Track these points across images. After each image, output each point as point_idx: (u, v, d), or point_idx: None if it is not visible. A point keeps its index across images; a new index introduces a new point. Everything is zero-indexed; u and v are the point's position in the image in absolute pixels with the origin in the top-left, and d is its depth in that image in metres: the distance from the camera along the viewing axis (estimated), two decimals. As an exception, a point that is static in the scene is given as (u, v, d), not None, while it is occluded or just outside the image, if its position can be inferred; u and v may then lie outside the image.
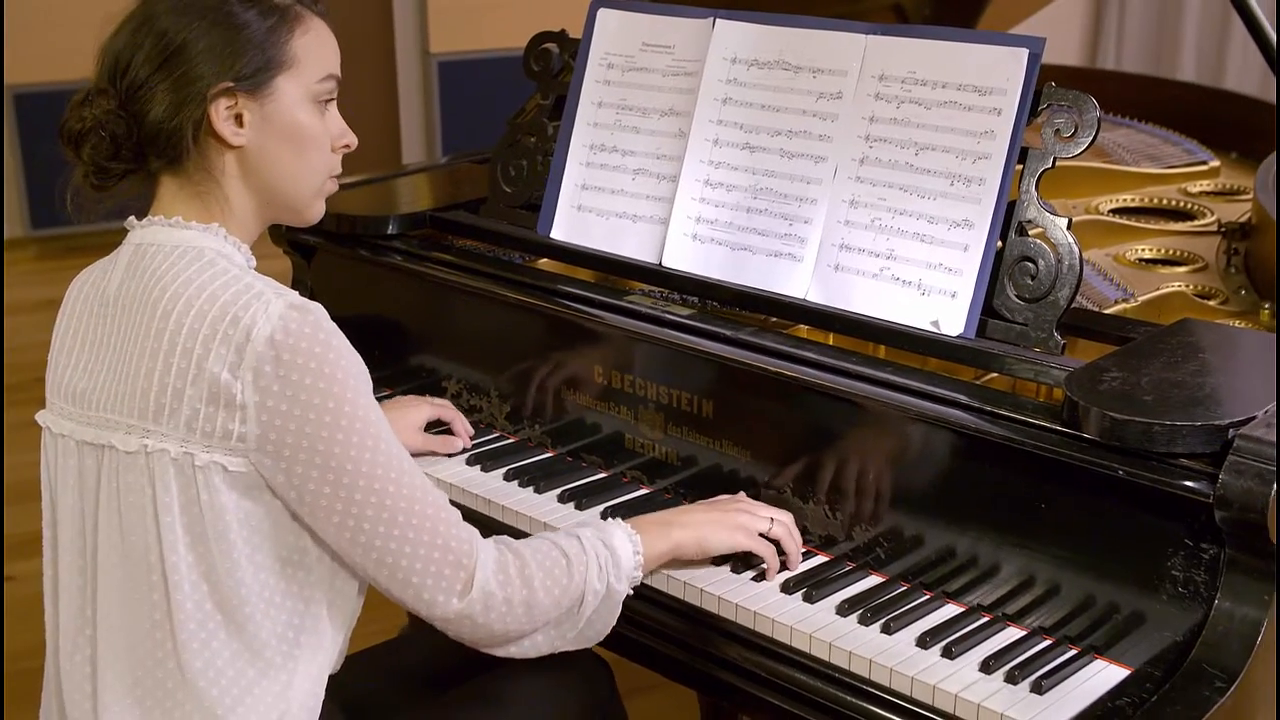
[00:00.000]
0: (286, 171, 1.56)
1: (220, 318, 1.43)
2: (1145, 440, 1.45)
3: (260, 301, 1.44)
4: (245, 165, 1.54)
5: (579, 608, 1.58)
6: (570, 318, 1.98)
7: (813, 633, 1.60)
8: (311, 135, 1.56)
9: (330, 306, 2.33)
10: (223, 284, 1.46)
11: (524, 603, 1.54)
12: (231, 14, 1.50)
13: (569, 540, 1.60)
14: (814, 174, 1.88)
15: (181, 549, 1.46)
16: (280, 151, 1.54)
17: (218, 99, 1.49)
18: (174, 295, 1.46)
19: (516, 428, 2.09)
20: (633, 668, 1.80)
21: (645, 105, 2.07)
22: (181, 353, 1.44)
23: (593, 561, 1.58)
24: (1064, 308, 1.70)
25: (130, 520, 1.48)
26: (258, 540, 1.48)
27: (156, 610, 1.47)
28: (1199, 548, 1.45)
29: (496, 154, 2.25)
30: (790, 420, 1.78)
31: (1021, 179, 1.74)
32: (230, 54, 1.49)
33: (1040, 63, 1.73)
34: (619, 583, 1.60)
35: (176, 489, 1.45)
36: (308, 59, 1.54)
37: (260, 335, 1.42)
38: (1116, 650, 1.53)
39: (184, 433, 1.44)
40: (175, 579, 1.46)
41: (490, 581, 1.52)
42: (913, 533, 1.67)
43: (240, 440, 1.43)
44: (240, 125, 1.52)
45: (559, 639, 1.59)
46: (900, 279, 1.79)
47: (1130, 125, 2.87)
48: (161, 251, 1.51)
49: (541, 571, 1.55)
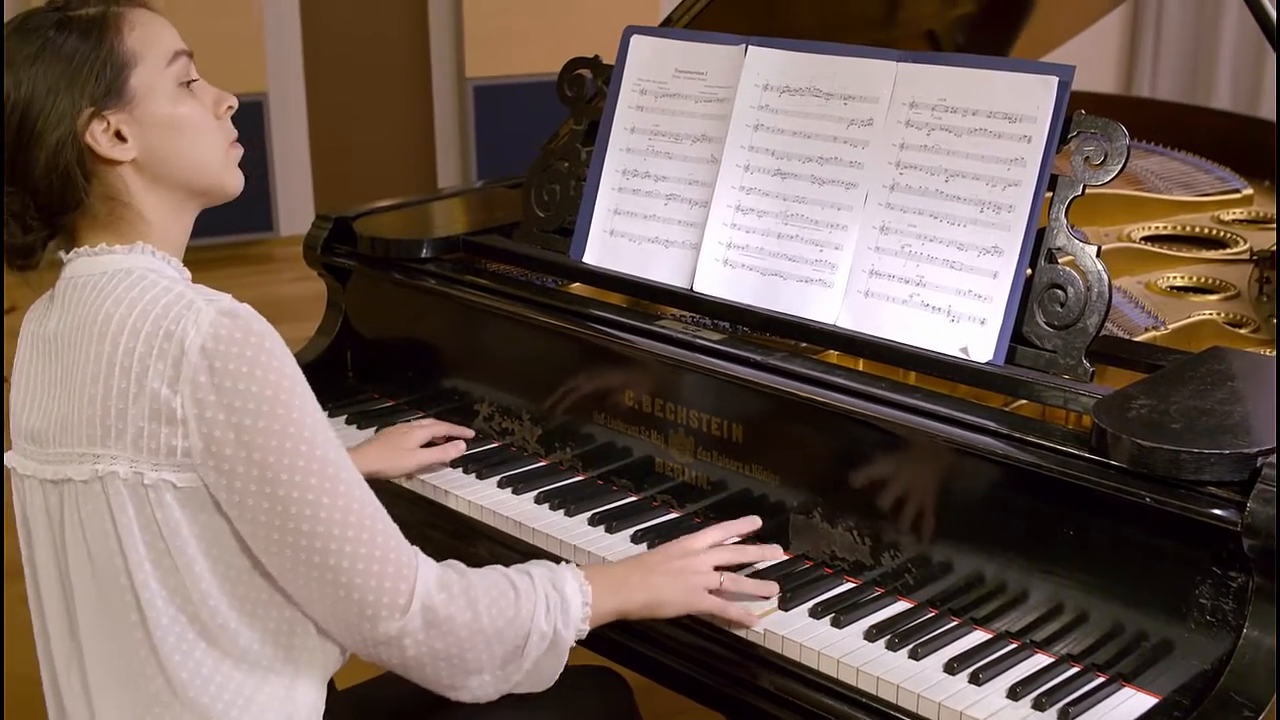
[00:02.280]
0: (185, 161, 1.54)
1: (154, 332, 1.42)
2: (1173, 468, 1.45)
3: (191, 311, 1.42)
4: (145, 173, 1.52)
5: (525, 646, 1.51)
6: (602, 342, 2.00)
7: (840, 657, 1.60)
8: (190, 118, 1.53)
9: (364, 329, 2.38)
10: (152, 298, 1.44)
11: (466, 625, 1.47)
12: (56, 49, 1.47)
13: (519, 575, 1.54)
14: (844, 200, 1.89)
15: (148, 567, 1.45)
16: (171, 145, 1.52)
17: (88, 126, 1.47)
18: (107, 316, 1.44)
19: (548, 451, 2.10)
20: (661, 691, 1.80)
21: (677, 131, 2.09)
22: (120, 372, 1.42)
23: (540, 601, 1.52)
24: (1093, 335, 1.70)
25: (96, 548, 1.47)
26: (218, 553, 1.46)
27: (136, 630, 1.47)
28: (1227, 576, 1.45)
29: (530, 179, 2.26)
30: (819, 445, 1.78)
31: (1051, 206, 1.74)
32: (72, 84, 1.47)
33: (1070, 90, 1.73)
34: (566, 629, 1.54)
35: (133, 510, 1.44)
36: (148, 48, 1.51)
37: (193, 346, 1.40)
38: (1144, 678, 1.52)
39: (131, 452, 1.43)
40: (147, 596, 1.45)
41: (432, 595, 1.46)
42: (941, 559, 1.68)
43: (186, 455, 1.42)
44: (123, 139, 1.50)
45: (504, 681, 1.53)
46: (930, 305, 1.80)
47: (1163, 153, 2.87)
48: (92, 280, 1.49)
49: (487, 598, 1.49)
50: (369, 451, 2.02)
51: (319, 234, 2.37)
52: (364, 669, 1.65)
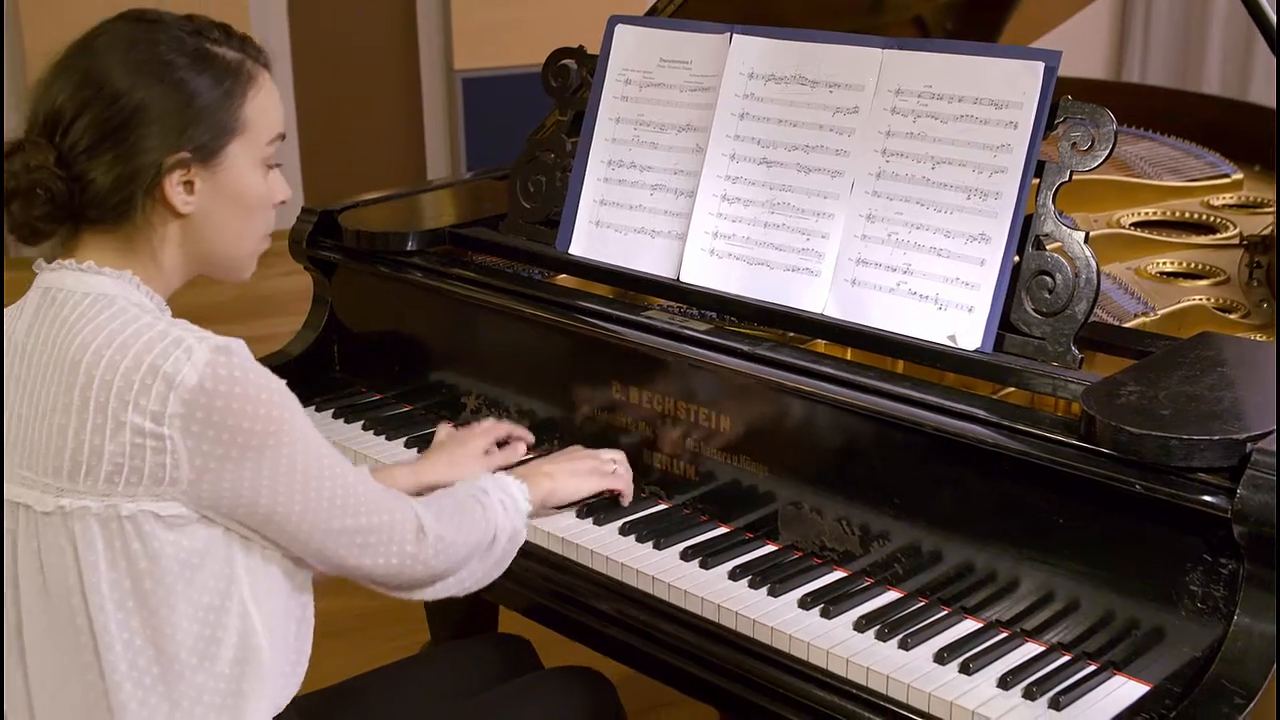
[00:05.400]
0: (229, 237, 1.53)
1: (134, 368, 1.38)
2: (1163, 454, 1.44)
3: (180, 348, 1.39)
4: (189, 230, 1.50)
5: (492, 544, 1.67)
6: (588, 333, 1.99)
7: (830, 648, 1.59)
8: (258, 198, 1.53)
9: (350, 322, 2.37)
10: (134, 332, 1.40)
11: (455, 539, 1.61)
12: (183, 81, 1.45)
13: (476, 491, 1.71)
14: (830, 188, 1.88)
15: (110, 606, 1.41)
16: (226, 216, 1.51)
17: (172, 170, 1.45)
18: (83, 345, 1.40)
19: (535, 443, 2.09)
20: (651, 684, 1.80)
21: (663, 121, 2.07)
22: (96, 408, 1.38)
23: (495, 505, 1.69)
24: (1081, 321, 1.70)
25: (53, 581, 1.43)
26: (194, 576, 1.43)
27: (89, 672, 1.43)
28: (1217, 563, 1.44)
29: (515, 170, 2.25)
30: (807, 435, 1.77)
31: (1038, 192, 1.74)
32: (184, 124, 1.45)
33: (1057, 76, 1.73)
34: (520, 520, 1.73)
35: (102, 544, 1.41)
36: (260, 122, 1.51)
37: (186, 383, 1.37)
38: (1135, 666, 1.52)
39: (105, 488, 1.39)
40: (106, 639, 1.42)
41: (434, 523, 1.59)
42: (930, 548, 1.67)
43: (172, 484, 1.40)
44: (191, 193, 1.48)
45: (474, 575, 1.66)
46: (917, 293, 1.79)
47: (1153, 138, 2.86)
48: (71, 298, 1.45)
49: (464, 512, 1.65)
50: (434, 464, 1.95)
51: (304, 228, 2.36)
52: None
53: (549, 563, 1.86)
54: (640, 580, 1.77)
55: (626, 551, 1.82)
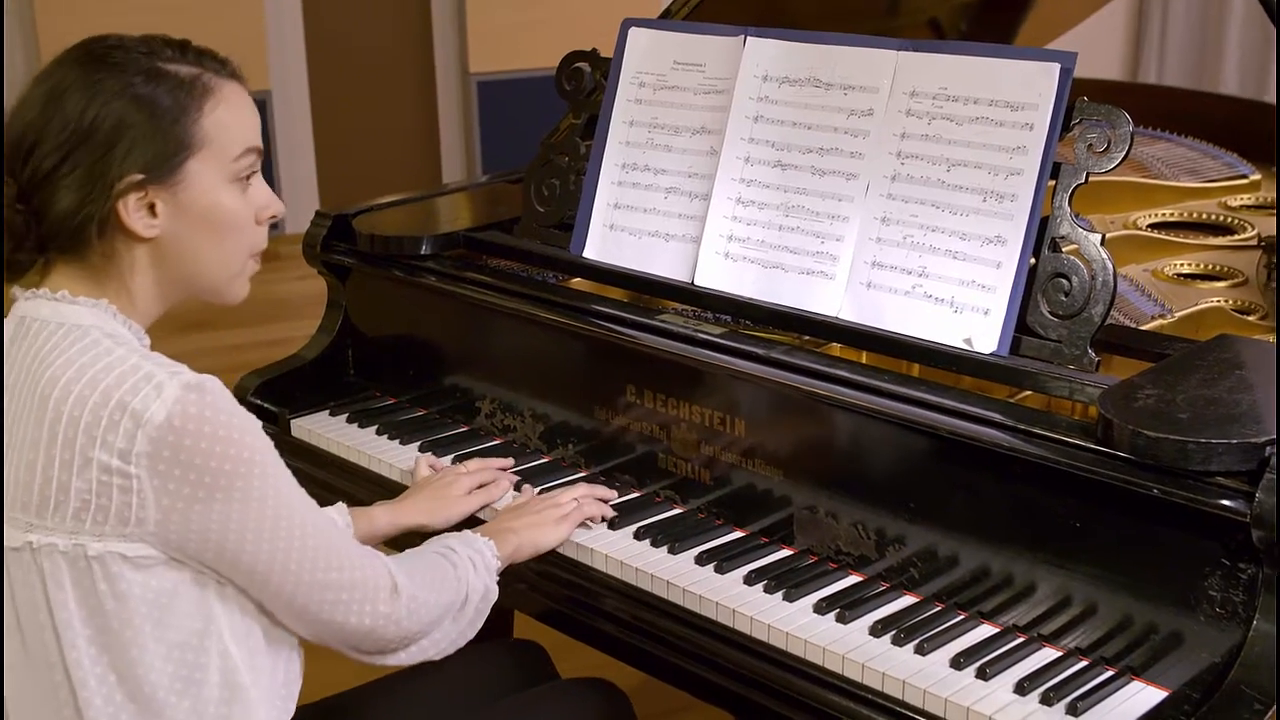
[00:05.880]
0: (203, 259, 1.47)
1: (103, 404, 1.34)
2: (1180, 458, 1.43)
3: (151, 384, 1.35)
4: (158, 256, 1.46)
5: (464, 605, 1.62)
6: (603, 337, 1.98)
7: (846, 654, 1.59)
8: (231, 219, 1.47)
9: (364, 326, 2.37)
10: (104, 366, 1.37)
11: (428, 600, 1.57)
12: (133, 101, 1.40)
13: (444, 549, 1.66)
14: (845, 191, 1.88)
15: (82, 644, 1.39)
16: (197, 239, 1.46)
17: (126, 194, 1.40)
18: (52, 379, 1.37)
19: (550, 447, 2.09)
20: (665, 688, 1.79)
21: (677, 124, 2.07)
22: (64, 443, 1.35)
23: (465, 563, 1.65)
24: (1098, 324, 1.69)
25: (26, 618, 1.41)
26: (164, 617, 1.40)
27: (65, 708, 1.40)
28: (1236, 567, 1.43)
29: (529, 174, 2.25)
30: (823, 439, 1.77)
31: (1054, 194, 1.73)
32: (132, 144, 1.40)
33: (1072, 77, 1.72)
34: (490, 579, 1.68)
35: (70, 583, 1.38)
36: (221, 137, 1.45)
37: (153, 420, 1.33)
38: (1154, 671, 1.51)
39: (72, 525, 1.36)
40: (79, 675, 1.39)
41: (406, 582, 1.54)
42: (947, 552, 1.66)
43: (139, 524, 1.36)
44: (154, 215, 1.43)
45: (449, 637, 1.62)
46: (933, 296, 1.78)
47: (1169, 139, 2.84)
48: (46, 329, 1.41)
49: (435, 572, 1.61)
50: (414, 505, 1.91)
51: (318, 232, 2.36)
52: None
53: (563, 567, 1.85)
54: (655, 585, 1.76)
55: (641, 556, 1.81)
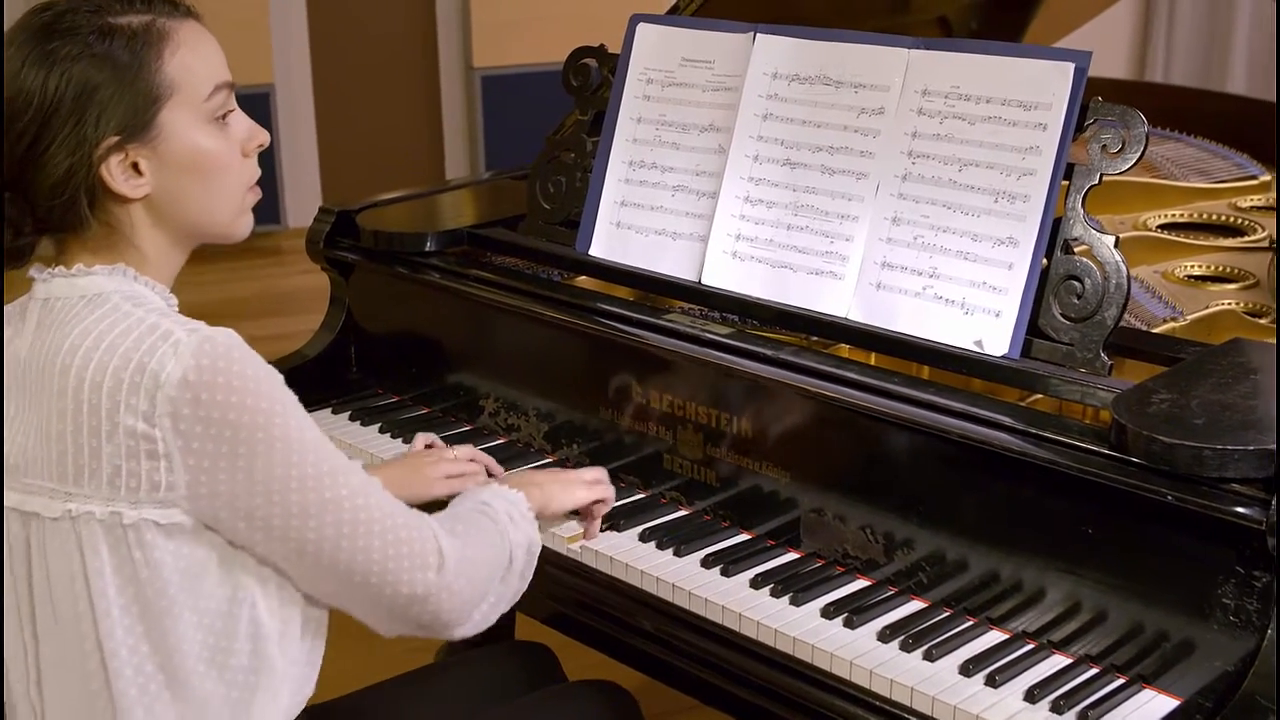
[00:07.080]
0: (201, 205, 1.46)
1: (123, 367, 1.34)
2: (1195, 465, 1.41)
3: (168, 342, 1.34)
4: (155, 212, 1.45)
5: (510, 564, 1.56)
6: (608, 336, 1.96)
7: (853, 659, 1.57)
8: (216, 160, 1.45)
9: (367, 323, 2.35)
10: (122, 331, 1.37)
11: (475, 558, 1.51)
12: (96, 60, 1.38)
13: (480, 505, 1.60)
14: (855, 191, 1.86)
15: (116, 613, 1.38)
16: (189, 188, 1.45)
17: (107, 158, 1.39)
18: (71, 348, 1.37)
19: (554, 447, 2.07)
20: (669, 691, 1.78)
21: (685, 121, 2.05)
22: (89, 409, 1.35)
23: (504, 517, 1.59)
24: (1111, 327, 1.67)
25: (60, 590, 1.40)
26: (196, 585, 1.40)
27: (93, 680, 1.40)
28: (1251, 575, 1.41)
29: (535, 170, 2.23)
30: (831, 441, 1.75)
31: (1067, 195, 1.71)
32: (104, 108, 1.37)
33: (1087, 76, 1.70)
34: (532, 529, 1.62)
35: (107, 551, 1.38)
36: (188, 80, 1.42)
37: (171, 378, 1.33)
38: (1166, 680, 1.49)
39: (108, 491, 1.36)
40: (111, 646, 1.39)
41: (452, 546, 1.48)
42: (956, 557, 1.64)
43: (169, 490, 1.36)
44: (139, 174, 1.42)
45: (503, 598, 1.56)
46: (943, 298, 1.76)
47: (1179, 139, 2.82)
48: (68, 305, 1.41)
49: (477, 529, 1.55)
50: (387, 471, 1.85)
51: (321, 228, 2.34)
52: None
53: (567, 569, 1.84)
54: (660, 588, 1.75)
55: (646, 558, 1.79)
